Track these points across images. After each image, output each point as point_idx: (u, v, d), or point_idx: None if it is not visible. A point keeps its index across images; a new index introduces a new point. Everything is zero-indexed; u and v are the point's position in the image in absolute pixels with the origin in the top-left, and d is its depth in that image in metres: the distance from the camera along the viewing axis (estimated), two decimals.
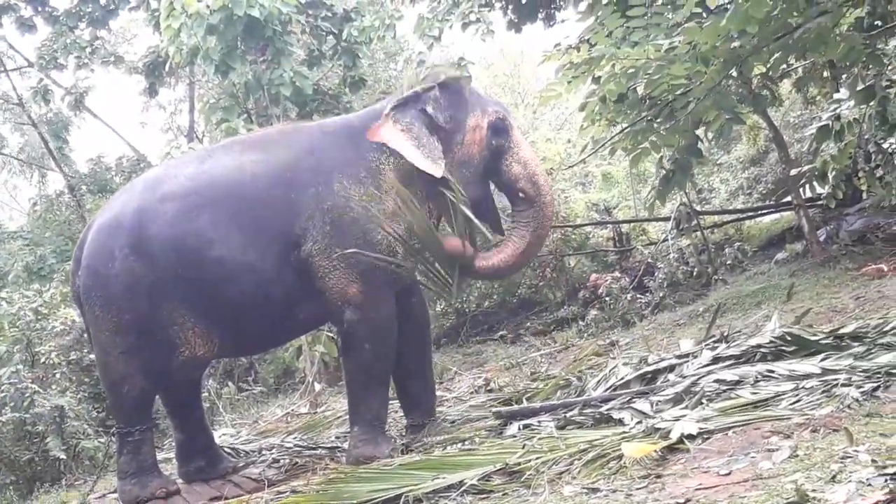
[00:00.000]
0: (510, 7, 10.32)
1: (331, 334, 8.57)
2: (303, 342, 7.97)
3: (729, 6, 5.15)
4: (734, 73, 5.84)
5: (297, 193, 5.02)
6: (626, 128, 6.29)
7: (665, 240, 10.04)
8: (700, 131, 6.46)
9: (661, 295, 9.15)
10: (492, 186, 5.64)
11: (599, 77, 5.88)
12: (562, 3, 10.29)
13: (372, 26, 10.13)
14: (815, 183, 7.54)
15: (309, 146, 5.24)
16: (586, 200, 12.85)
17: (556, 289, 10.88)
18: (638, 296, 9.26)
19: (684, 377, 4.62)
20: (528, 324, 10.31)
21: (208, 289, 4.95)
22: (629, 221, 12.00)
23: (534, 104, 18.50)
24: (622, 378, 4.97)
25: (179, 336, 5.00)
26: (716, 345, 5.10)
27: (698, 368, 4.68)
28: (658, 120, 6.02)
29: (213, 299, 4.97)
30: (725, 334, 5.40)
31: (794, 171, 8.23)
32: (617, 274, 9.80)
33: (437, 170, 5.06)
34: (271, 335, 5.57)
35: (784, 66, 7.37)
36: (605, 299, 9.29)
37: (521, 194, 5.45)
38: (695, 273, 9.49)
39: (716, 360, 4.74)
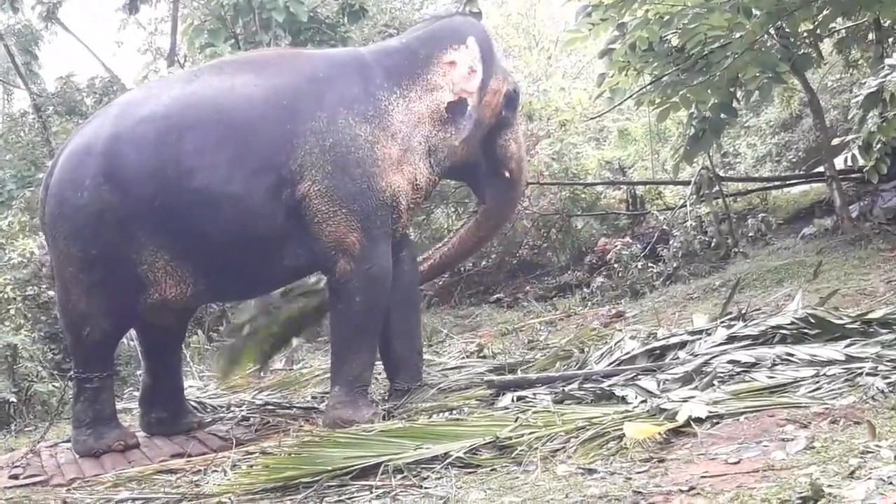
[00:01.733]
0: None
1: None
2: None
3: None
4: (777, 28, 5.77)
5: (294, 124, 4.91)
6: (655, 79, 6.24)
7: (683, 206, 10.00)
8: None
9: (674, 265, 9.16)
10: None
11: (624, 23, 5.82)
12: None
13: None
14: (857, 154, 7.50)
15: (311, 74, 5.15)
16: (599, 157, 12.79)
17: (560, 252, 10.89)
18: (649, 265, 9.27)
19: (696, 356, 4.63)
20: (528, 288, 10.31)
21: (186, 222, 4.83)
22: (645, 183, 11.95)
23: (549, 49, 18.32)
24: (628, 352, 4.98)
25: (149, 276, 4.91)
26: (732, 323, 5.10)
27: (711, 347, 4.69)
28: (691, 73, 5.97)
29: (190, 235, 4.86)
30: (743, 312, 5.39)
31: (836, 140, 8.17)
32: (628, 239, 9.81)
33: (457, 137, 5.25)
34: (250, 280, 5.41)
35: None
36: (613, 266, 9.31)
37: (506, 173, 5.67)
38: (713, 244, 9.48)
39: (731, 339, 4.75)
